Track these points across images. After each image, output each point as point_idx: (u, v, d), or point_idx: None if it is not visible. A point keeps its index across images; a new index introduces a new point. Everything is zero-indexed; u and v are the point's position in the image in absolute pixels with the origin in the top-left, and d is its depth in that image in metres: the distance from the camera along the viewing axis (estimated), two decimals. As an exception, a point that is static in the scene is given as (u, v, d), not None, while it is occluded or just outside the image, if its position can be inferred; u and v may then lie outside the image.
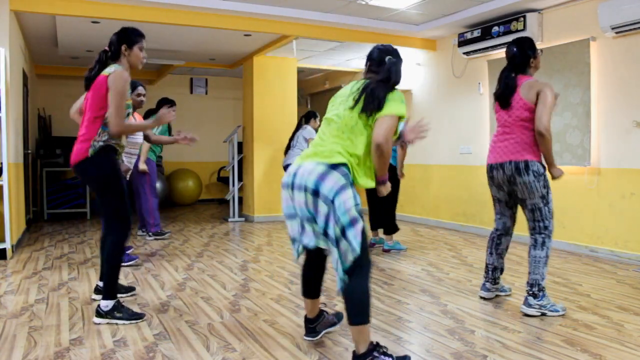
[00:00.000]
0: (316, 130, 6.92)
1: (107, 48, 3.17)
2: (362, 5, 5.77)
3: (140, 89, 4.51)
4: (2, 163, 4.83)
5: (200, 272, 4.39)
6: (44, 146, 8.12)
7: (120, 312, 3.04)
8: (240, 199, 8.50)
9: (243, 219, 7.96)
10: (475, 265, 4.67)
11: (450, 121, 6.96)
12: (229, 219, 7.88)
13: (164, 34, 6.51)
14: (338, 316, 2.84)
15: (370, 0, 5.59)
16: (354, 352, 2.32)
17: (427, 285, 3.96)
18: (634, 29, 4.66)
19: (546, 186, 3.21)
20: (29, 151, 7.07)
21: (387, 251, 5.26)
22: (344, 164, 2.36)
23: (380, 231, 5.52)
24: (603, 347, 2.65)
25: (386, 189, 2.55)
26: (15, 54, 5.52)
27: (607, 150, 5.02)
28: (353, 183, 2.37)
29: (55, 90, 9.42)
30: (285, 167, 6.99)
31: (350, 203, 2.27)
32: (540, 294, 3.17)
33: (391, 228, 5.30)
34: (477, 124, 6.52)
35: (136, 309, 3.26)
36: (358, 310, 2.27)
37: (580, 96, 5.19)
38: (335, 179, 2.30)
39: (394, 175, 5.16)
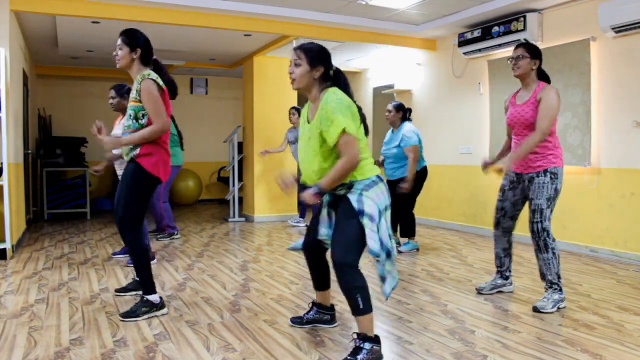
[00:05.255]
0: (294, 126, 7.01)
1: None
2: (362, 5, 5.76)
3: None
4: (2, 163, 4.83)
5: (200, 272, 4.39)
6: (44, 146, 8.12)
7: (146, 307, 3.15)
8: (241, 199, 8.50)
9: (243, 219, 7.96)
10: (475, 265, 4.67)
11: (450, 121, 6.96)
12: (229, 219, 7.88)
13: (164, 34, 6.50)
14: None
15: (370, 0, 5.58)
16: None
17: (427, 285, 3.96)
18: (634, 28, 4.66)
19: (557, 190, 3.29)
20: (29, 151, 7.06)
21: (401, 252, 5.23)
22: None
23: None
24: (603, 347, 2.65)
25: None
26: (15, 54, 5.52)
27: (607, 150, 5.02)
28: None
29: (55, 90, 9.42)
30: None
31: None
32: (558, 289, 3.30)
33: (408, 230, 5.28)
34: (477, 124, 6.51)
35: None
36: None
37: (580, 96, 5.19)
38: None
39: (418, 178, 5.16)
